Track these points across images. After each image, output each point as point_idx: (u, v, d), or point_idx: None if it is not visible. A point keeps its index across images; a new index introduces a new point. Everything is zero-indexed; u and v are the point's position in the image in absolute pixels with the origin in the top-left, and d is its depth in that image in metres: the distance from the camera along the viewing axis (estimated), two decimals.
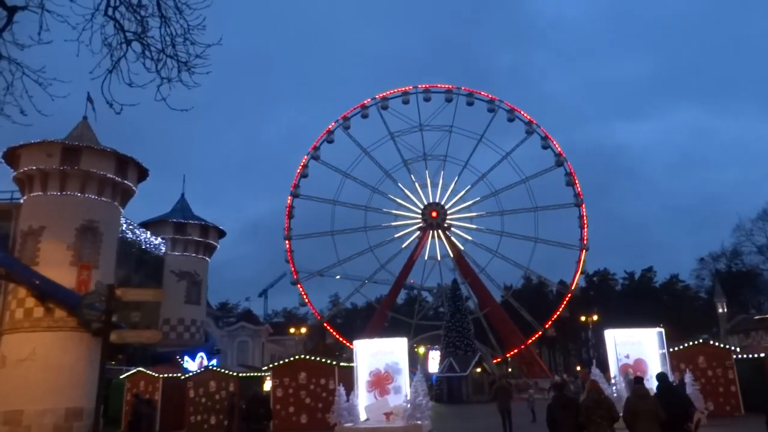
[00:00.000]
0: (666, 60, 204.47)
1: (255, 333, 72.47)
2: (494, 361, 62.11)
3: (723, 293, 60.60)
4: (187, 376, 26.83)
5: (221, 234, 47.84)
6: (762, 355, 25.07)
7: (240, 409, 23.19)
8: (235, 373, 26.22)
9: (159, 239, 43.06)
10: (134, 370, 28.86)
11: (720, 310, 59.40)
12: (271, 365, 25.71)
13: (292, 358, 25.32)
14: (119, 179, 31.08)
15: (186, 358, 36.91)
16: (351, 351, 23.69)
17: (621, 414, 9.80)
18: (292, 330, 76.80)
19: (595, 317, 65.24)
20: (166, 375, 27.76)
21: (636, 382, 10.69)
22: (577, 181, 64.64)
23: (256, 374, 26.42)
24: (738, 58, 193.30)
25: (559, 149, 65.62)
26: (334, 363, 24.94)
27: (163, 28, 7.66)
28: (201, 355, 38.90)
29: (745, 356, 24.72)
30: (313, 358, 25.34)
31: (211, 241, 46.53)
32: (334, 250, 67.07)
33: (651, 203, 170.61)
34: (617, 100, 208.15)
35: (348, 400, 21.53)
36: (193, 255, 44.73)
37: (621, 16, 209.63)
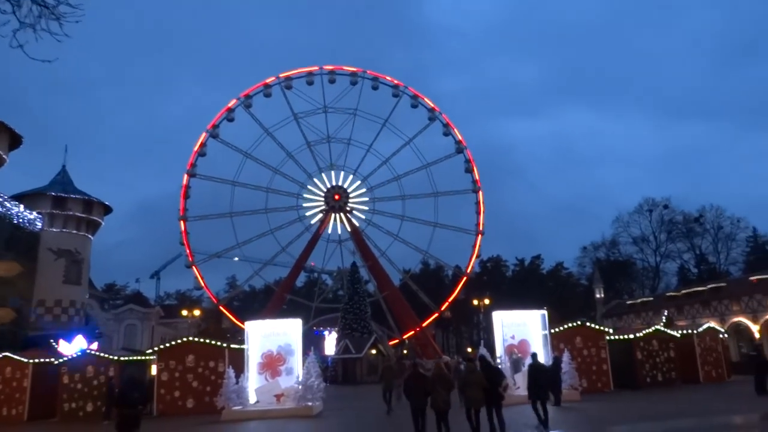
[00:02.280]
0: (556, 64, 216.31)
1: (144, 316, 69.10)
2: (391, 342, 63.24)
3: (601, 280, 65.31)
4: (61, 360, 24.82)
5: (107, 210, 44.72)
6: (631, 336, 27.22)
7: (109, 395, 21.90)
8: (115, 357, 24.62)
9: (34, 214, 39.42)
10: None
11: (597, 296, 63.97)
12: (156, 348, 24.38)
13: (179, 341, 24.17)
14: None
15: (61, 341, 34.18)
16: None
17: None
18: (184, 312, 73.77)
19: (487, 301, 68.16)
20: (36, 360, 25.53)
21: (468, 361, 14.95)
22: (475, 169, 66.84)
23: (139, 358, 24.96)
24: (623, 66, 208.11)
25: (459, 137, 67.42)
26: (224, 345, 24.12)
27: None
28: (80, 339, 36.26)
29: (616, 337, 26.73)
30: (201, 340, 24.32)
31: (95, 218, 43.35)
32: (232, 232, 65.11)
33: (537, 198, 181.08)
34: (508, 101, 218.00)
35: (237, 383, 20.95)
36: (74, 232, 41.47)
37: (513, 22, 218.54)
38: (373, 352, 46.29)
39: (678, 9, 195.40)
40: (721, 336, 31.09)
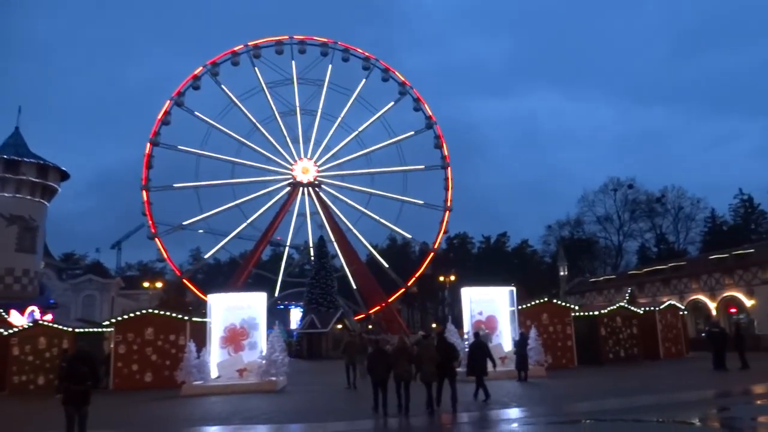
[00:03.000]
0: (524, 45, 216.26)
1: (104, 286, 67.08)
2: (357, 317, 63.15)
3: (565, 257, 66.23)
4: (11, 331, 23.66)
5: (64, 176, 42.81)
6: (595, 313, 27.47)
7: (61, 368, 20.99)
8: (69, 329, 23.59)
9: None
10: None
11: (561, 273, 64.92)
12: (113, 320, 23.44)
13: (137, 313, 23.29)
14: None
15: (12, 312, 32.69)
16: None
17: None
18: (146, 284, 72.13)
19: (453, 277, 68.58)
20: None
21: (424, 338, 15.86)
22: (444, 144, 66.55)
23: (95, 330, 23.98)
24: (589, 49, 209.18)
25: (429, 112, 66.89)
26: (186, 318, 23.34)
27: None
28: (32, 309, 34.87)
29: (581, 314, 26.92)
30: (161, 312, 23.47)
31: (51, 183, 41.40)
32: (197, 204, 63.76)
33: (502, 176, 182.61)
34: (475, 81, 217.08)
35: (198, 357, 20.30)
36: (28, 197, 39.55)
37: (482, 2, 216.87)
38: (339, 327, 45.99)
39: None
40: (681, 313, 31.72)
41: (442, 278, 69.71)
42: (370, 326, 66.56)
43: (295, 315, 65.18)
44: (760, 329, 35.86)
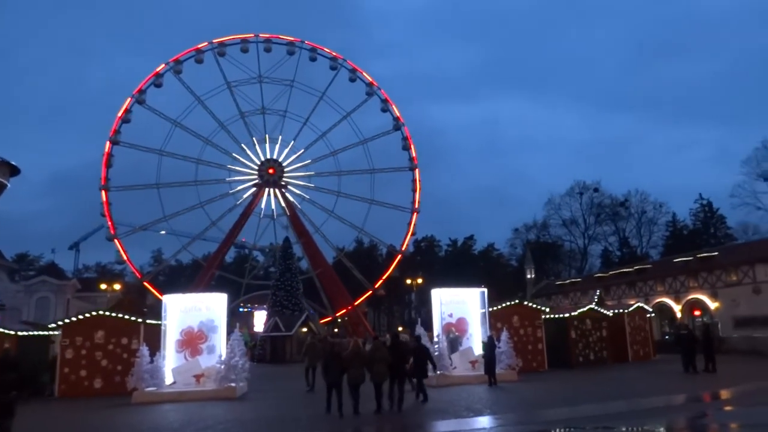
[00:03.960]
0: (490, 53, 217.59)
1: (59, 288, 64.26)
2: (323, 321, 61.99)
3: (532, 260, 66.44)
4: None
5: (14, 171, 40.56)
6: (566, 315, 27.11)
7: None
8: (12, 332, 21.98)
9: None
10: None
11: (528, 276, 65.07)
12: (60, 322, 21.91)
13: (87, 315, 21.83)
14: None
15: None
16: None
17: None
18: (103, 286, 69.54)
19: (420, 280, 68.09)
20: None
21: (375, 339, 16.98)
22: (412, 146, 65.97)
23: (41, 333, 22.42)
24: (552, 57, 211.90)
25: (397, 113, 66.23)
26: (139, 320, 22.00)
27: None
28: None
29: (551, 317, 26.51)
30: (113, 314, 22.07)
31: None
32: (159, 205, 61.78)
33: (466, 182, 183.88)
34: (439, 87, 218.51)
35: (152, 362, 19.04)
36: None
37: (447, 10, 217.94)
38: (304, 330, 44.81)
39: (604, 7, 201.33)
40: (648, 315, 31.71)
41: (409, 281, 69.19)
42: (335, 329, 65.50)
43: (260, 318, 63.63)
44: (723, 331, 36.21)
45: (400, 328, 78.83)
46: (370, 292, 64.90)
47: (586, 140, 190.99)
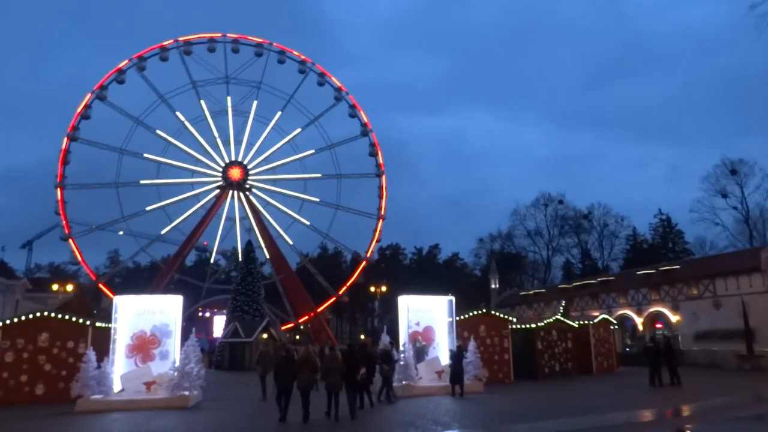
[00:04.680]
0: (454, 67, 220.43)
1: (8, 288, 61.07)
2: (284, 327, 60.66)
3: (497, 270, 66.57)
4: None
5: None
6: (533, 325, 26.78)
7: None
8: None
9: None
10: None
11: (492, 286, 65.19)
12: (0, 323, 20.37)
13: (30, 316, 20.38)
14: None
15: None
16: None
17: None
18: (55, 287, 66.68)
19: (384, 288, 67.43)
20: None
21: (332, 349, 16.93)
22: (380, 152, 65.60)
23: None
24: (516, 74, 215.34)
25: (365, 119, 65.82)
26: (87, 323, 20.66)
27: None
28: None
29: (518, 327, 26.13)
30: (59, 316, 20.67)
31: None
32: (117, 204, 59.91)
33: (428, 192, 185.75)
34: (404, 99, 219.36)
35: (99, 367, 17.80)
36: None
37: (415, 22, 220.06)
38: (265, 336, 43.55)
39: (565, 27, 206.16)
40: (612, 327, 31.71)
41: (373, 288, 68.47)
42: (297, 336, 64.19)
43: (219, 323, 61.89)
44: (684, 344, 36.59)
45: (362, 336, 78.12)
46: (334, 298, 63.97)
47: (548, 155, 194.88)
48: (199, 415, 16.13)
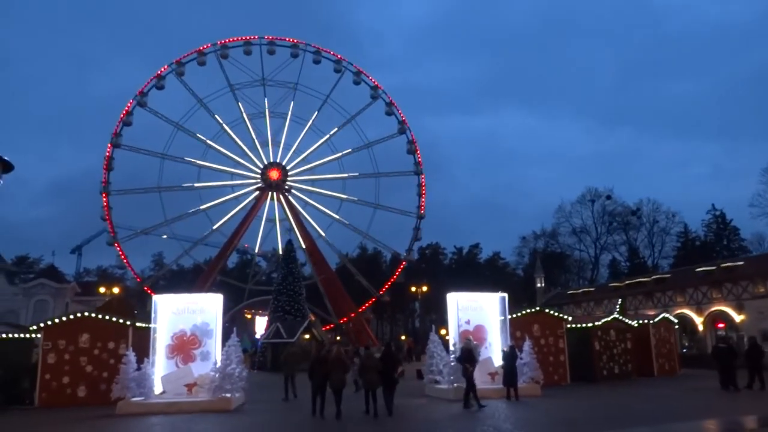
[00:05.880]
0: (491, 67, 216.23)
1: (57, 292, 63.12)
2: (325, 327, 60.10)
3: (542, 269, 64.47)
4: None
5: (6, 167, 38.93)
6: (589, 324, 25.20)
7: None
8: None
9: None
10: None
11: (538, 285, 63.09)
12: (42, 324, 20.11)
13: (71, 316, 20.04)
14: None
15: None
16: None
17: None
18: (102, 289, 67.87)
19: (425, 288, 66.20)
20: None
21: (367, 348, 17.68)
22: (418, 150, 64.44)
23: (20, 336, 20.61)
24: (555, 72, 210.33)
25: (402, 117, 64.72)
26: (128, 323, 20.20)
27: None
28: None
29: (574, 326, 24.60)
30: (99, 316, 20.26)
31: None
32: (160, 208, 60.53)
33: (466, 193, 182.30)
34: (441, 100, 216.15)
35: (139, 368, 17.23)
36: None
37: (446, 25, 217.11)
38: (307, 336, 42.92)
39: (602, 23, 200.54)
40: (675, 327, 29.78)
41: (414, 289, 67.31)
42: (338, 337, 63.55)
43: (261, 324, 61.79)
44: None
45: (402, 337, 77.05)
46: (375, 298, 63.11)
47: (585, 153, 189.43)
48: (241, 419, 15.35)
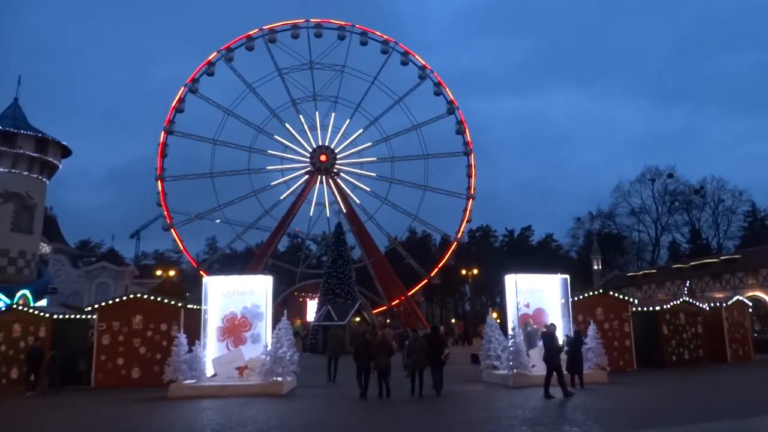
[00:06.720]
0: (538, 47, 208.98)
1: (117, 274, 65.65)
2: (376, 310, 59.87)
3: (599, 251, 62.18)
4: None
5: (65, 152, 39.85)
6: (657, 308, 23.67)
7: (37, 360, 18.12)
8: (47, 315, 20.49)
9: None
10: None
11: (595, 267, 60.92)
12: (96, 305, 20.26)
13: (124, 297, 20.10)
14: None
15: None
16: None
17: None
18: (159, 272, 69.74)
19: (476, 271, 64.96)
20: None
21: (414, 330, 19.07)
22: (467, 130, 62.92)
23: (79, 317, 20.83)
24: (606, 51, 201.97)
25: (451, 96, 63.28)
26: (180, 305, 20.11)
27: None
28: (23, 293, 31.92)
29: (640, 309, 23.15)
30: (152, 297, 20.24)
31: (51, 159, 38.30)
32: (213, 193, 61.35)
33: (515, 174, 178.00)
34: (487, 83, 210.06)
35: (191, 351, 17.04)
36: (26, 173, 36.56)
37: (488, 7, 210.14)
38: (357, 319, 42.67)
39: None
40: (749, 310, 27.79)
41: (464, 271, 66.15)
42: (388, 320, 63.27)
43: (312, 308, 62.19)
44: None
45: (453, 321, 76.13)
46: (426, 280, 62.42)
47: (638, 133, 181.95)
48: (292, 405, 14.88)
